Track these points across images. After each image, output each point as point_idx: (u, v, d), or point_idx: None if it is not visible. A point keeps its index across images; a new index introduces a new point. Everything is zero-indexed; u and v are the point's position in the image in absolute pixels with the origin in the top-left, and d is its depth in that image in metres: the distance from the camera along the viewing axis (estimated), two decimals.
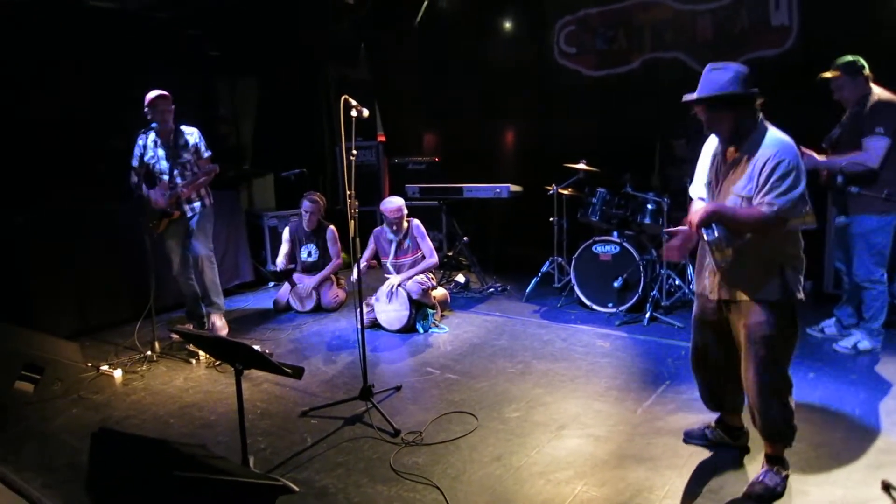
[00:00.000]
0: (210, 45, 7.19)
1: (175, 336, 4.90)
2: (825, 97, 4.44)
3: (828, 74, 4.31)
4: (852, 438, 3.29)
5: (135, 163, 4.93)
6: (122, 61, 6.17)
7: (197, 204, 5.04)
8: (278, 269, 6.10)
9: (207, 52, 7.19)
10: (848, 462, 3.07)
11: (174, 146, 4.90)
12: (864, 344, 4.45)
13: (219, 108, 7.74)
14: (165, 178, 4.92)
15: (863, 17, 5.44)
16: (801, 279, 2.82)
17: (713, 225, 2.68)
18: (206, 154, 5.03)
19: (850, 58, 4.25)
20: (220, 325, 5.24)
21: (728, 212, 2.70)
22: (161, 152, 4.93)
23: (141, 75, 5.76)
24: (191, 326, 5.29)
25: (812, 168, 4.09)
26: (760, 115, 2.75)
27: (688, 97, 2.79)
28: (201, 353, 4.71)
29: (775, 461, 2.88)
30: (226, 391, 4.14)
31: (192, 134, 4.98)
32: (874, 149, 4.11)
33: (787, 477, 2.86)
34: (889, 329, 4.57)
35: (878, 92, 4.23)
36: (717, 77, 2.70)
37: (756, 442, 3.22)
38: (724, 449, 3.22)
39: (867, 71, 4.23)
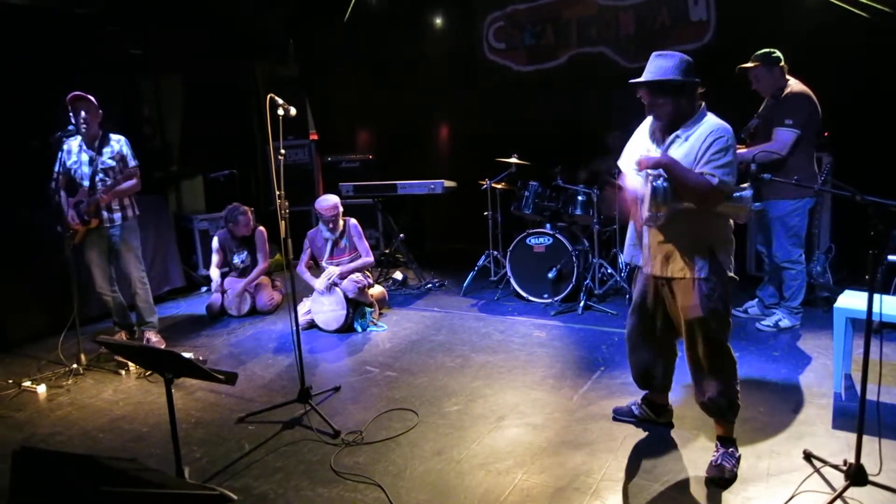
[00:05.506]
0: (132, 44, 6.92)
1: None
2: (743, 89, 4.63)
3: (746, 65, 4.49)
4: (775, 412, 3.46)
5: (57, 167, 4.67)
6: (40, 60, 5.88)
7: (118, 215, 4.80)
8: (213, 280, 5.93)
9: (129, 51, 6.92)
10: (772, 435, 3.23)
11: (98, 152, 4.70)
12: (785, 322, 4.67)
13: (143, 109, 7.47)
14: (86, 184, 4.71)
15: (775, 10, 5.71)
16: (731, 259, 2.93)
17: (661, 178, 2.75)
18: (133, 164, 4.82)
19: (766, 50, 4.44)
20: (155, 340, 5.05)
21: (679, 166, 2.76)
22: (85, 157, 4.71)
23: (60, 75, 5.50)
24: (122, 336, 5.10)
25: None
26: (702, 103, 2.87)
27: (634, 81, 2.89)
28: (131, 363, 4.55)
29: (727, 442, 2.96)
30: (157, 402, 4.01)
31: (118, 141, 4.78)
32: (783, 140, 4.33)
33: (739, 457, 2.94)
34: (808, 307, 4.81)
35: (794, 84, 4.44)
36: (661, 63, 2.83)
37: (680, 420, 3.36)
38: (654, 429, 3.33)
39: (783, 63, 4.44)
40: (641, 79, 2.86)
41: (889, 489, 2.63)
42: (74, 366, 4.55)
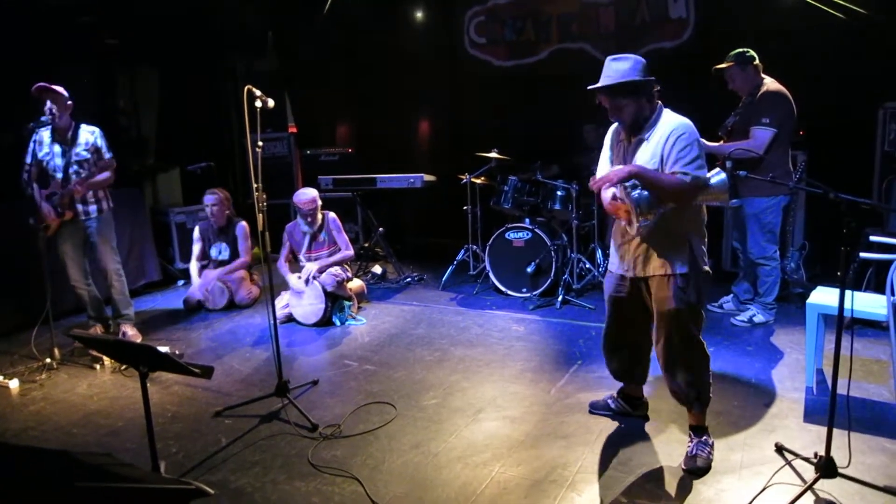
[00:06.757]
0: (107, 34, 6.80)
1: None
2: (720, 87, 4.68)
3: (720, 66, 4.55)
4: (749, 405, 3.51)
5: (28, 159, 4.62)
6: (10, 51, 5.74)
7: (93, 208, 4.73)
8: (192, 277, 5.87)
9: (104, 41, 6.80)
10: (745, 428, 3.28)
11: (71, 143, 4.63)
12: (759, 318, 4.74)
13: (118, 100, 7.35)
14: (59, 175, 4.63)
15: (753, 10, 5.77)
16: (705, 251, 2.96)
17: (638, 188, 2.78)
18: (108, 155, 4.74)
19: (740, 49, 4.50)
20: (131, 334, 4.99)
21: (650, 173, 2.79)
22: (57, 149, 4.63)
23: (33, 67, 5.36)
24: (97, 330, 5.03)
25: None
26: (659, 102, 2.91)
27: (592, 87, 2.91)
28: (106, 357, 4.49)
29: (699, 431, 3.01)
30: (133, 396, 3.96)
31: (92, 132, 4.70)
32: (759, 138, 4.39)
33: (713, 444, 3.00)
34: (782, 303, 4.89)
35: (769, 82, 4.50)
36: (617, 67, 2.86)
37: (655, 412, 3.40)
38: (630, 422, 3.37)
39: (756, 62, 4.50)
40: (600, 84, 2.88)
41: (858, 481, 2.68)
42: (48, 360, 4.48)
